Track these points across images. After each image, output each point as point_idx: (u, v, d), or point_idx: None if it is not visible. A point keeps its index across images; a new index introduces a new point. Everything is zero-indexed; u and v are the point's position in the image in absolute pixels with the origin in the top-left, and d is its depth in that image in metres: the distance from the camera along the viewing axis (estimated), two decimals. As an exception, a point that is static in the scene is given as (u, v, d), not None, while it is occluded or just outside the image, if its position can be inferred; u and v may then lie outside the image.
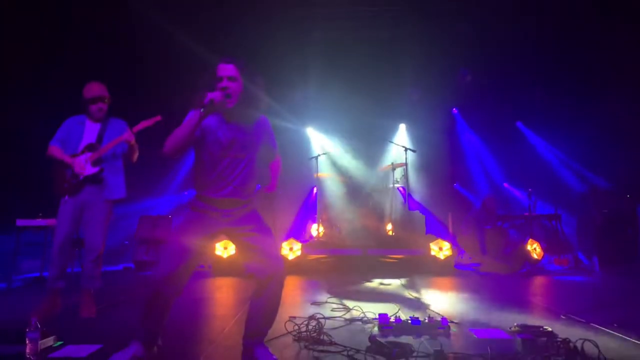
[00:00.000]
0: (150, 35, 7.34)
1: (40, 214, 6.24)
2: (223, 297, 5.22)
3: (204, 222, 2.82)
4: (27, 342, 2.84)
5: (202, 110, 2.65)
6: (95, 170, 4.18)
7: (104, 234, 4.23)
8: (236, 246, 3.01)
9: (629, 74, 7.72)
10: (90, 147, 4.20)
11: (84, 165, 4.15)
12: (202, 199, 2.86)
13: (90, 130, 4.28)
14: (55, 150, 4.22)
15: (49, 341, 3.09)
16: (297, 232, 9.28)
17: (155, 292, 2.71)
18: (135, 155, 4.36)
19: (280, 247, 6.95)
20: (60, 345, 3.12)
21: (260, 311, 2.81)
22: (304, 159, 9.42)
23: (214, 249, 6.64)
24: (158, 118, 4.21)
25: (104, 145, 4.21)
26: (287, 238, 7.19)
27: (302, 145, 10.86)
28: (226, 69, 2.80)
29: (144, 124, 4.19)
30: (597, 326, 3.60)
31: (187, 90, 3.05)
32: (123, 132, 4.23)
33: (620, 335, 3.34)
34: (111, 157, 4.28)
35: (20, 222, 6.20)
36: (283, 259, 6.68)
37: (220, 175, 2.82)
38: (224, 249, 6.74)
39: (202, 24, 8.13)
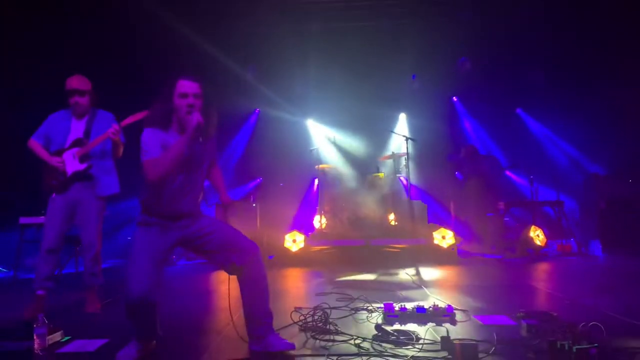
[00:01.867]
0: (147, 25, 7.30)
1: (44, 212, 6.25)
2: (227, 290, 5.22)
3: (160, 238, 2.77)
4: (34, 337, 2.86)
5: (192, 134, 2.66)
6: (83, 166, 4.04)
7: (98, 230, 4.12)
8: (198, 254, 2.99)
9: (630, 58, 7.68)
10: (77, 142, 4.07)
11: (71, 162, 4.02)
12: (154, 214, 2.78)
13: (78, 125, 4.14)
14: (35, 145, 4.10)
15: (57, 336, 3.10)
16: (301, 224, 9.29)
17: (134, 308, 2.64)
18: (120, 151, 4.21)
19: (283, 240, 6.97)
20: (67, 340, 3.14)
21: (254, 297, 2.85)
22: (305, 150, 9.41)
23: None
24: (147, 113, 4.06)
25: (92, 140, 4.06)
26: (290, 230, 7.20)
27: (303, 136, 10.84)
28: (192, 87, 2.75)
29: (132, 119, 3.95)
30: (602, 310, 3.61)
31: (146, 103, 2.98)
32: (109, 125, 4.05)
33: (626, 319, 3.35)
34: (100, 153, 4.14)
35: (23, 220, 6.22)
36: (285, 249, 6.73)
37: (175, 191, 2.77)
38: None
39: (200, 16, 8.09)
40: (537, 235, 7.30)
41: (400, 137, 8.22)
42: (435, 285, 5.02)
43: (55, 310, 4.02)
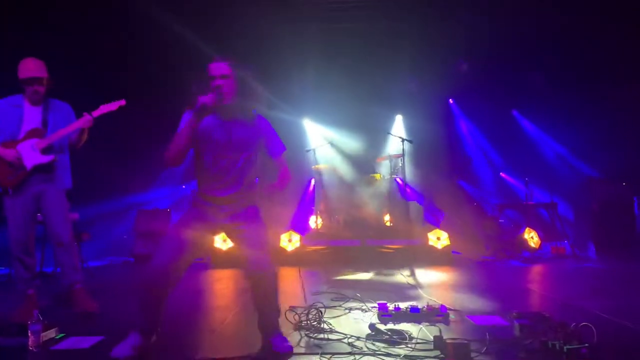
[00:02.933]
0: (142, 24, 7.28)
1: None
2: (223, 289, 5.24)
3: (203, 217, 2.85)
4: (29, 334, 2.87)
5: (194, 115, 2.67)
6: (47, 159, 3.71)
7: (66, 221, 3.82)
8: (233, 243, 3.04)
9: (627, 61, 7.73)
10: (35, 133, 3.71)
11: (30, 154, 3.66)
12: (201, 196, 2.89)
13: (32, 113, 3.77)
14: None
15: (51, 333, 3.10)
16: (299, 224, 9.30)
17: (150, 282, 2.72)
18: (82, 143, 3.94)
19: (279, 240, 6.98)
20: (62, 337, 3.14)
21: (261, 309, 2.86)
22: (301, 150, 9.42)
23: (213, 241, 6.65)
24: (122, 102, 3.82)
25: (52, 131, 3.74)
26: (286, 230, 7.21)
27: (299, 137, 10.85)
28: (218, 68, 2.80)
29: (105, 108, 3.74)
30: (594, 311, 3.64)
31: (181, 89, 3.01)
32: (70, 117, 3.82)
33: (617, 320, 3.38)
34: (58, 147, 3.82)
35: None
36: (280, 249, 6.74)
37: (218, 175, 2.84)
38: (223, 241, 6.76)
39: (197, 15, 8.07)
40: (531, 237, 7.34)
41: (396, 138, 8.25)
42: (429, 285, 5.05)
43: (50, 307, 4.02)
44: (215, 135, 2.83)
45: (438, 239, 6.86)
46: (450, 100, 11.09)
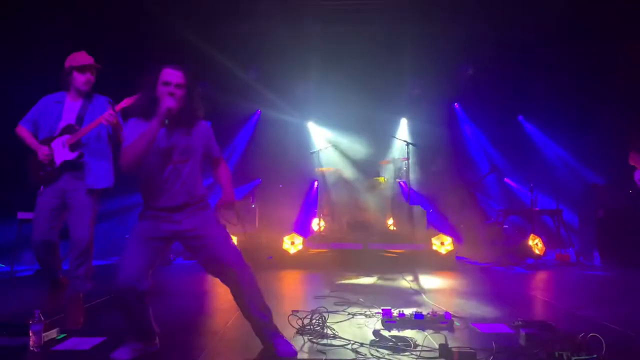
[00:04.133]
0: (148, 25, 7.28)
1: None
2: (225, 291, 5.18)
3: (154, 227, 2.74)
4: (30, 334, 2.84)
5: (160, 119, 2.59)
6: (73, 155, 3.66)
7: (88, 226, 3.68)
8: (190, 252, 2.94)
9: (633, 66, 7.68)
10: (68, 129, 3.70)
11: (60, 150, 3.65)
12: (150, 208, 2.77)
13: (70, 110, 3.77)
14: (23, 132, 3.75)
15: (53, 333, 3.08)
16: (301, 227, 9.28)
17: (122, 300, 2.65)
18: (119, 135, 3.70)
19: (282, 242, 6.95)
20: (63, 337, 3.12)
21: (248, 312, 2.83)
22: (305, 153, 9.40)
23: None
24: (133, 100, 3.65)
25: (84, 126, 3.69)
26: (289, 232, 7.19)
27: (303, 139, 10.83)
28: (174, 75, 2.72)
29: (127, 101, 3.59)
30: (599, 321, 3.60)
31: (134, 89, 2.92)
32: (104, 109, 3.69)
33: (624, 330, 3.34)
34: (94, 141, 3.76)
35: (21, 215, 6.19)
36: (283, 251, 6.70)
37: (164, 183, 2.74)
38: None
39: (201, 16, 8.07)
40: (535, 244, 7.29)
41: (401, 141, 8.22)
42: (433, 291, 5.01)
43: (53, 307, 3.99)
44: (157, 142, 2.71)
45: (442, 243, 6.82)
46: (456, 105, 11.05)
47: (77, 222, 3.67)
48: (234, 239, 6.76)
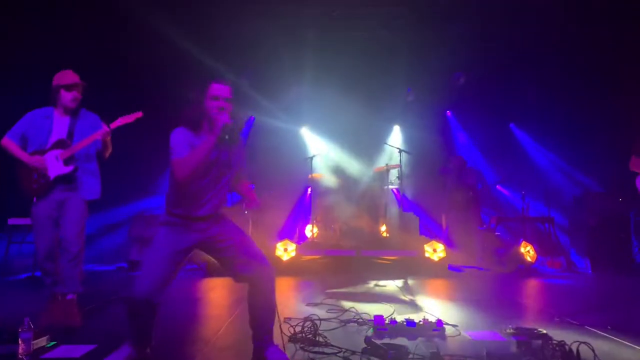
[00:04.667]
0: (137, 31, 7.26)
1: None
2: (217, 298, 5.20)
3: (180, 238, 2.79)
4: (19, 342, 2.81)
5: (218, 135, 2.66)
6: (68, 169, 3.81)
7: (80, 232, 3.84)
8: (215, 259, 3.00)
9: (624, 75, 7.76)
10: (60, 144, 3.82)
11: (54, 164, 3.78)
12: (176, 215, 2.81)
13: (60, 124, 3.89)
14: (9, 144, 3.81)
15: (42, 341, 3.06)
16: (289, 233, 9.28)
17: (135, 309, 2.69)
18: (108, 153, 4.01)
19: (274, 248, 6.94)
20: (53, 345, 3.10)
21: (258, 311, 2.85)
22: (298, 159, 9.41)
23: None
24: (139, 114, 3.87)
25: (77, 141, 3.83)
26: (280, 239, 7.17)
27: (297, 145, 10.84)
28: (224, 90, 2.81)
29: (123, 120, 3.81)
30: (591, 329, 3.62)
31: (175, 97, 3.00)
32: (96, 127, 3.86)
33: (615, 338, 3.36)
34: (85, 155, 3.92)
35: (12, 221, 6.15)
36: (276, 258, 6.72)
37: (199, 193, 2.80)
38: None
39: (193, 21, 8.07)
40: (527, 251, 7.32)
41: (393, 148, 8.26)
42: (425, 298, 5.02)
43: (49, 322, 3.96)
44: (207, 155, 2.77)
45: (434, 250, 6.83)
46: (448, 112, 11.12)
47: (69, 228, 3.80)
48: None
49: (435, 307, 4.53)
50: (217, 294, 5.37)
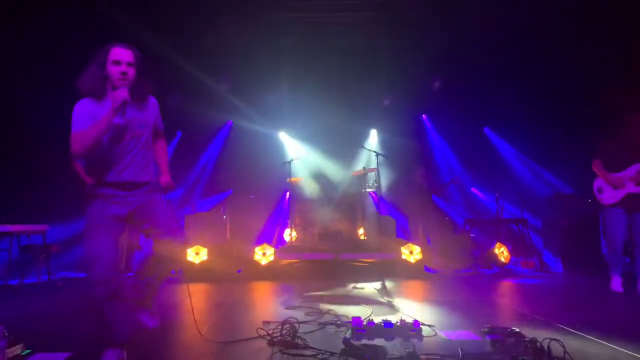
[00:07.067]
0: (114, 38, 7.19)
1: (4, 220, 6.05)
2: (195, 303, 5.15)
3: (111, 209, 2.81)
4: (-7, 351, 2.77)
5: (115, 110, 2.66)
6: None
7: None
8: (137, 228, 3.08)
9: (593, 80, 7.99)
10: None
11: None
12: (102, 184, 2.82)
13: None
14: None
15: (17, 349, 3.01)
16: (267, 237, 9.29)
17: (97, 299, 2.68)
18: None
19: (253, 252, 6.94)
20: (28, 353, 3.05)
21: (151, 272, 3.14)
22: (277, 163, 9.43)
23: (185, 254, 6.56)
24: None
25: None
26: (258, 243, 7.18)
27: (275, 149, 10.86)
28: (125, 54, 2.81)
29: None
30: (562, 326, 3.73)
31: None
32: None
33: (583, 334, 3.47)
34: None
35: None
36: (254, 262, 6.67)
37: (119, 156, 2.81)
38: (196, 254, 6.68)
39: (171, 27, 8.02)
40: (501, 252, 7.48)
41: (371, 152, 8.34)
42: (402, 299, 5.08)
43: (16, 322, 3.89)
44: (116, 119, 2.79)
45: (411, 252, 6.93)
46: (424, 116, 11.28)
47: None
48: (204, 251, 6.72)
49: (412, 308, 4.60)
50: (195, 300, 5.33)
